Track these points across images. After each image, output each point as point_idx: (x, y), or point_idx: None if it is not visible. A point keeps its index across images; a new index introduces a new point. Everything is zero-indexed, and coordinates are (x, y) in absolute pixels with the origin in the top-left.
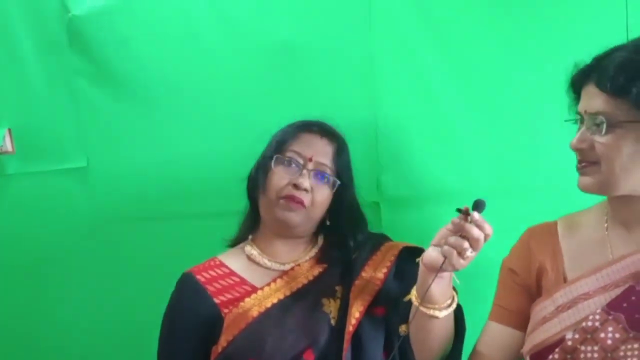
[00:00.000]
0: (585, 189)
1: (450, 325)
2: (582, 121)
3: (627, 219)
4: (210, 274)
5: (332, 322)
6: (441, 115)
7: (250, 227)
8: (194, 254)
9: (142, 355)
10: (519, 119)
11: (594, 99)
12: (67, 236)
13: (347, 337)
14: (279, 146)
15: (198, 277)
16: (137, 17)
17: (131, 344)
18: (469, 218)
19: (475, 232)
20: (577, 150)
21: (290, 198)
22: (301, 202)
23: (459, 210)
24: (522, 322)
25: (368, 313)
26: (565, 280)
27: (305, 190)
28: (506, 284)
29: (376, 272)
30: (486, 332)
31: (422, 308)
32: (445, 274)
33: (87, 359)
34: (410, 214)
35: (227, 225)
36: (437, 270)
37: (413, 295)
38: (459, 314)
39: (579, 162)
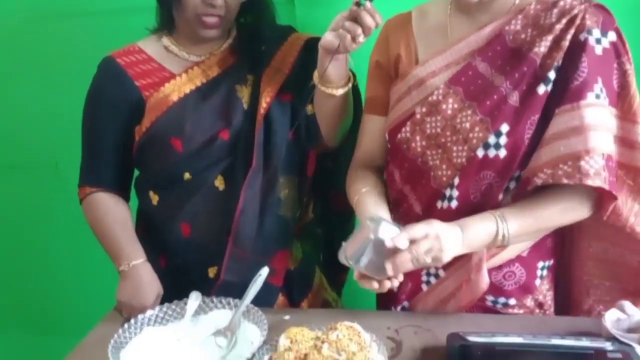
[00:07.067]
0: None
1: (348, 102)
2: None
3: (467, 6)
4: (130, 59)
5: (245, 106)
6: None
7: (166, 26)
8: None
9: None
10: None
11: None
12: None
13: (259, 119)
14: None
15: (118, 60)
16: None
17: None
18: (362, 7)
19: (368, 19)
20: None
21: (208, 17)
22: (218, 19)
23: (356, 3)
24: (388, 109)
25: (277, 98)
26: (417, 62)
27: (219, 6)
28: (373, 76)
29: (284, 61)
30: (363, 123)
31: (322, 87)
32: (341, 56)
33: None
34: (321, 10)
35: None
36: (333, 52)
37: (315, 77)
38: (356, 94)
39: None
